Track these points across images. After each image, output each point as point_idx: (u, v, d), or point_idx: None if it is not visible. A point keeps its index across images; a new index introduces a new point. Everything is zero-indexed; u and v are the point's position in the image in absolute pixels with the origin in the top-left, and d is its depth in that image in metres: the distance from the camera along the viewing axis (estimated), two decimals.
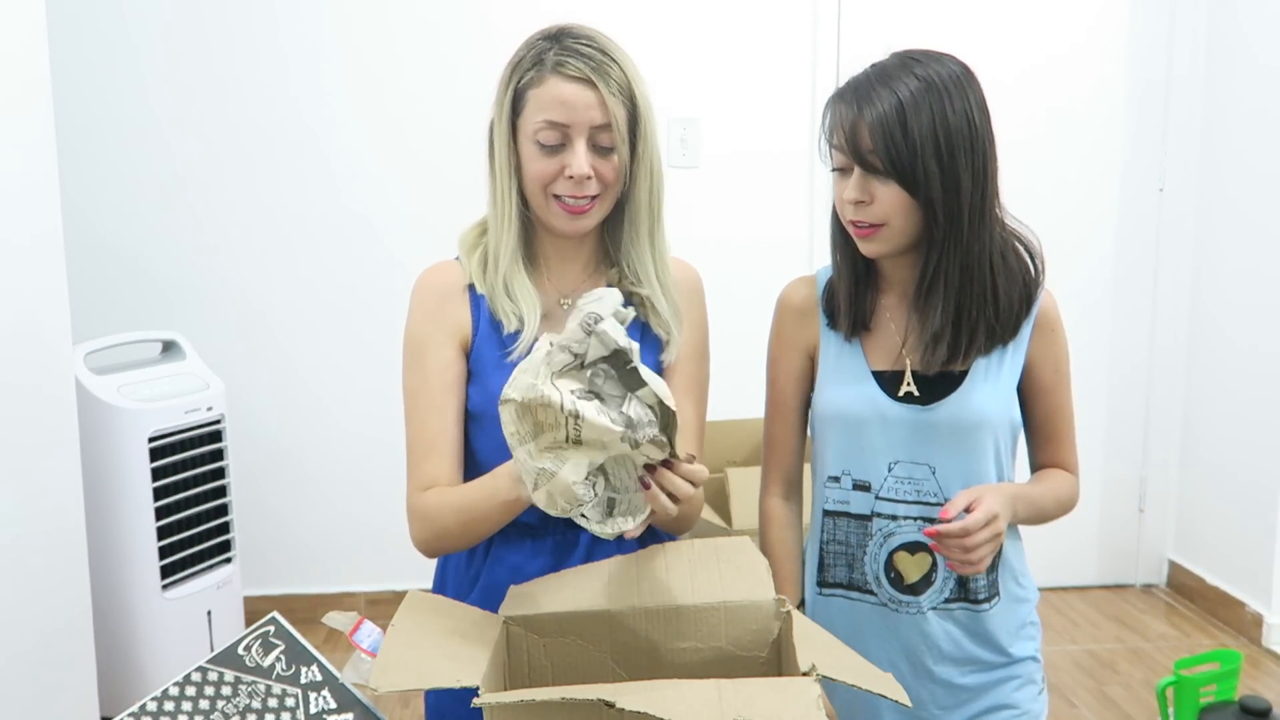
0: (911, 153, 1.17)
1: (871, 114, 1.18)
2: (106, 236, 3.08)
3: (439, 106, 3.13)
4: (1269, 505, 2.99)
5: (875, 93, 1.19)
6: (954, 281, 1.23)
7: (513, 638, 1.11)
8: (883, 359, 1.30)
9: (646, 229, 1.28)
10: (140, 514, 2.49)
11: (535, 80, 1.21)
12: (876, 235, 1.23)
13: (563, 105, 1.19)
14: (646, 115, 1.23)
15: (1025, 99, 3.24)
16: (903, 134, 1.17)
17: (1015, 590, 1.34)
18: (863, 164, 1.20)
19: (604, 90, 1.19)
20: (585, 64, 1.19)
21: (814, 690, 0.88)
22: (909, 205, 1.20)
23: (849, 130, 1.20)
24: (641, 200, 1.27)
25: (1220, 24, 3.19)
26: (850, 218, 1.24)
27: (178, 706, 1.05)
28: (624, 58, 1.22)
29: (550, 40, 1.22)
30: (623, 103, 1.20)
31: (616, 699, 0.84)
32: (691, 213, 3.25)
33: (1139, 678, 2.82)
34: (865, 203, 1.21)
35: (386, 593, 3.16)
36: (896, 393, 1.28)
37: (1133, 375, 3.41)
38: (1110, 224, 3.36)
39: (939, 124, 1.18)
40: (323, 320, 3.17)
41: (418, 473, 1.24)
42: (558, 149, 1.21)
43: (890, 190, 1.20)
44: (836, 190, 1.26)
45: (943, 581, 1.28)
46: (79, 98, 3.01)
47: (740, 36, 3.19)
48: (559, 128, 1.20)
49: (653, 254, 1.29)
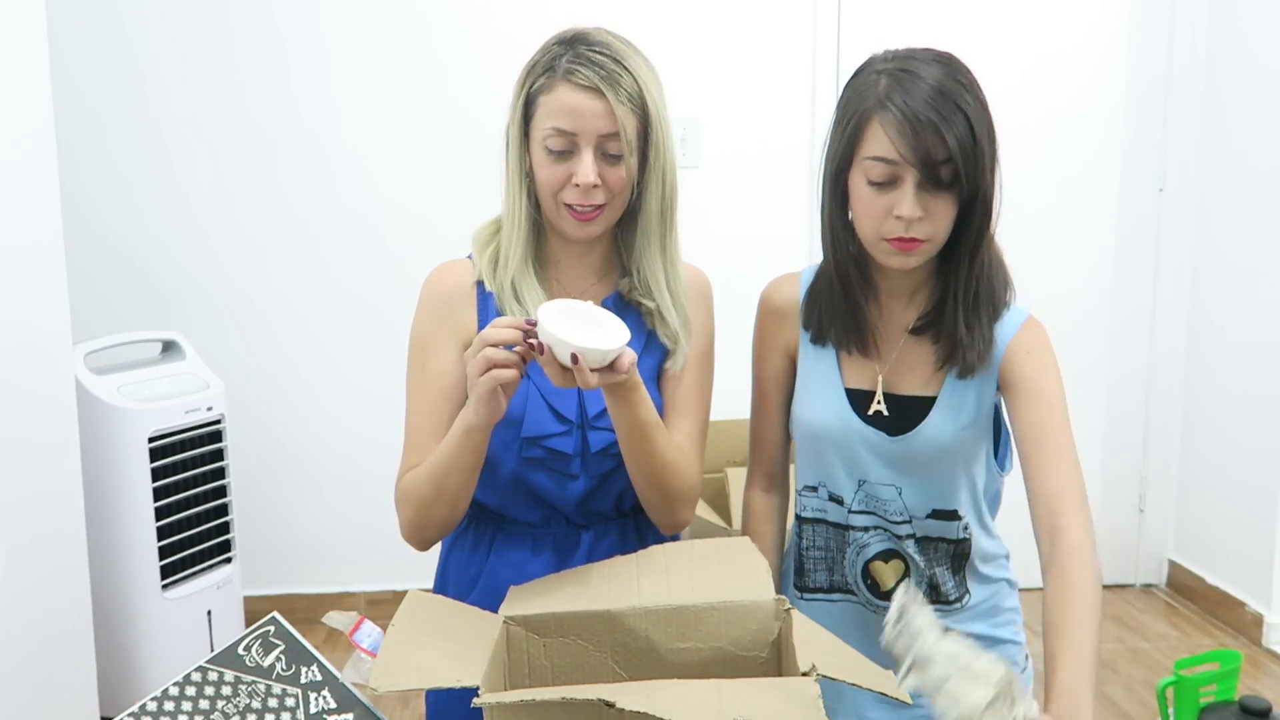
0: (979, 169, 1.14)
1: (944, 125, 1.11)
2: (106, 236, 3.08)
3: (439, 107, 3.13)
4: (1269, 505, 2.99)
5: (934, 100, 1.12)
6: (983, 289, 1.22)
7: (513, 637, 1.11)
8: (856, 375, 1.29)
9: (658, 238, 1.28)
10: (140, 514, 2.49)
11: (546, 86, 1.20)
12: (920, 250, 1.18)
13: (570, 113, 1.19)
14: (659, 124, 1.22)
15: (1026, 98, 3.24)
16: (973, 147, 1.13)
17: (986, 584, 1.34)
18: (931, 178, 1.13)
19: (613, 100, 1.18)
20: (595, 72, 1.18)
21: (814, 690, 0.89)
22: (954, 218, 1.18)
23: (917, 144, 1.12)
24: (652, 209, 1.26)
25: (1220, 23, 3.19)
26: (897, 234, 1.17)
27: (178, 706, 1.05)
28: (639, 65, 1.21)
29: (565, 45, 1.21)
30: (633, 111, 1.20)
31: (617, 699, 0.84)
32: (691, 213, 3.22)
33: (1139, 678, 2.82)
34: (921, 218, 1.16)
35: (386, 593, 3.16)
36: (867, 410, 1.27)
37: (1133, 375, 3.41)
38: (1110, 224, 3.36)
39: (989, 131, 1.16)
40: (323, 320, 3.17)
41: (403, 466, 1.28)
42: (566, 155, 1.20)
43: (947, 205, 1.16)
44: (872, 205, 1.17)
45: (916, 586, 1.29)
46: (79, 98, 3.01)
47: (740, 36, 3.19)
48: (567, 135, 1.19)
49: (664, 263, 1.29)
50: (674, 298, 1.29)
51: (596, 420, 1.27)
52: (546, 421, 1.26)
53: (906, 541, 1.30)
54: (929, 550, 1.30)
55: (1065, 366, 1.27)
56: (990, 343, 1.23)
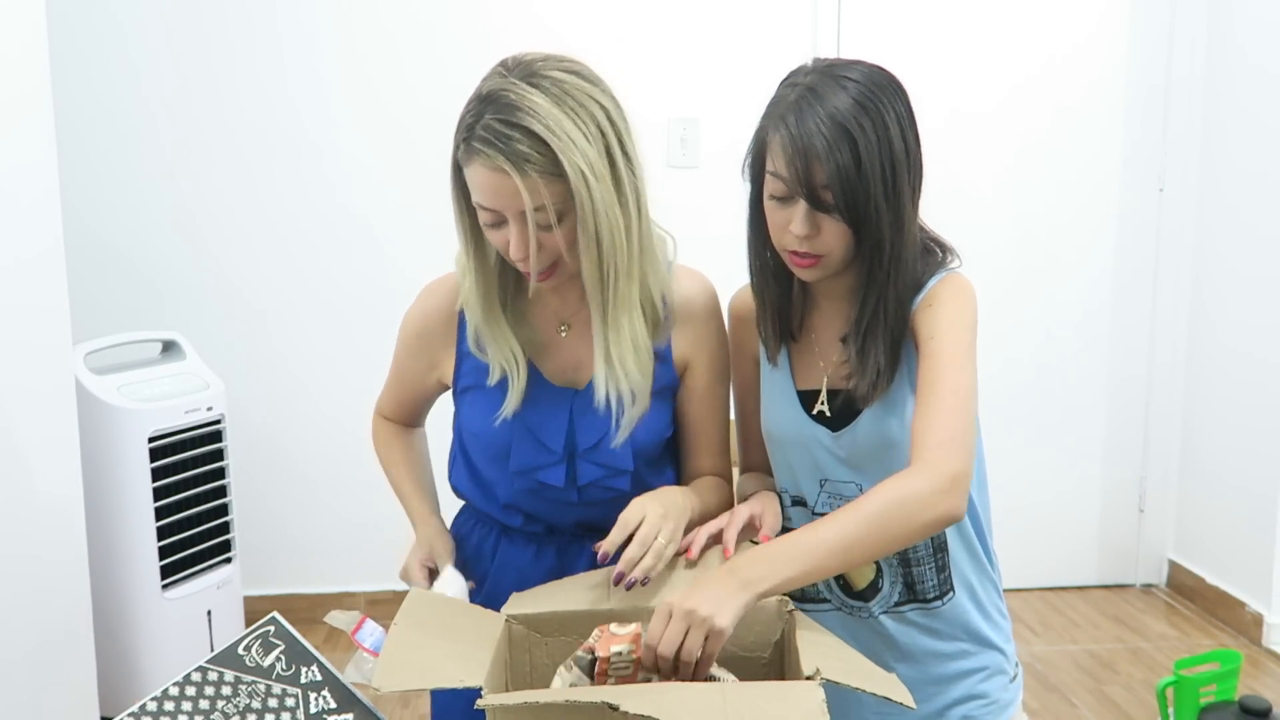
0: (865, 196, 1.13)
1: (825, 152, 1.11)
2: (106, 237, 3.08)
3: (438, 108, 3.12)
4: (1269, 505, 2.99)
5: (823, 125, 1.12)
6: (890, 313, 1.19)
7: (515, 637, 1.11)
8: (806, 376, 1.29)
9: (599, 303, 1.18)
10: (140, 514, 2.49)
11: (465, 157, 1.13)
12: (818, 265, 1.19)
13: (485, 192, 1.12)
14: (588, 182, 1.10)
15: (1026, 100, 3.23)
16: (857, 176, 1.12)
17: (971, 582, 1.31)
18: (814, 202, 1.14)
19: (518, 180, 1.08)
20: (498, 151, 1.08)
21: (818, 695, 0.88)
22: (851, 239, 1.17)
23: (801, 166, 1.12)
24: (589, 274, 1.16)
25: (1220, 26, 3.19)
26: (792, 248, 1.18)
27: (178, 706, 1.05)
28: (555, 123, 1.09)
29: (481, 106, 1.12)
30: (549, 180, 1.10)
31: (621, 702, 0.84)
32: (691, 213, 3.24)
33: (1139, 678, 2.82)
34: (812, 236, 1.16)
35: (386, 593, 3.15)
36: (811, 411, 1.27)
37: (1133, 375, 3.41)
38: (1110, 224, 3.35)
39: (884, 159, 1.13)
40: (323, 320, 3.17)
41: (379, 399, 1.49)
42: (500, 224, 1.15)
43: (838, 226, 1.15)
44: (773, 217, 1.19)
45: (890, 586, 1.28)
46: (79, 99, 3.01)
47: (740, 36, 3.18)
48: (491, 210, 1.14)
49: (605, 329, 1.19)
50: (622, 366, 1.19)
51: (586, 454, 1.24)
52: (533, 454, 1.25)
53: None
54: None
55: (1065, 366, 1.27)
56: (885, 370, 1.20)
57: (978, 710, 1.31)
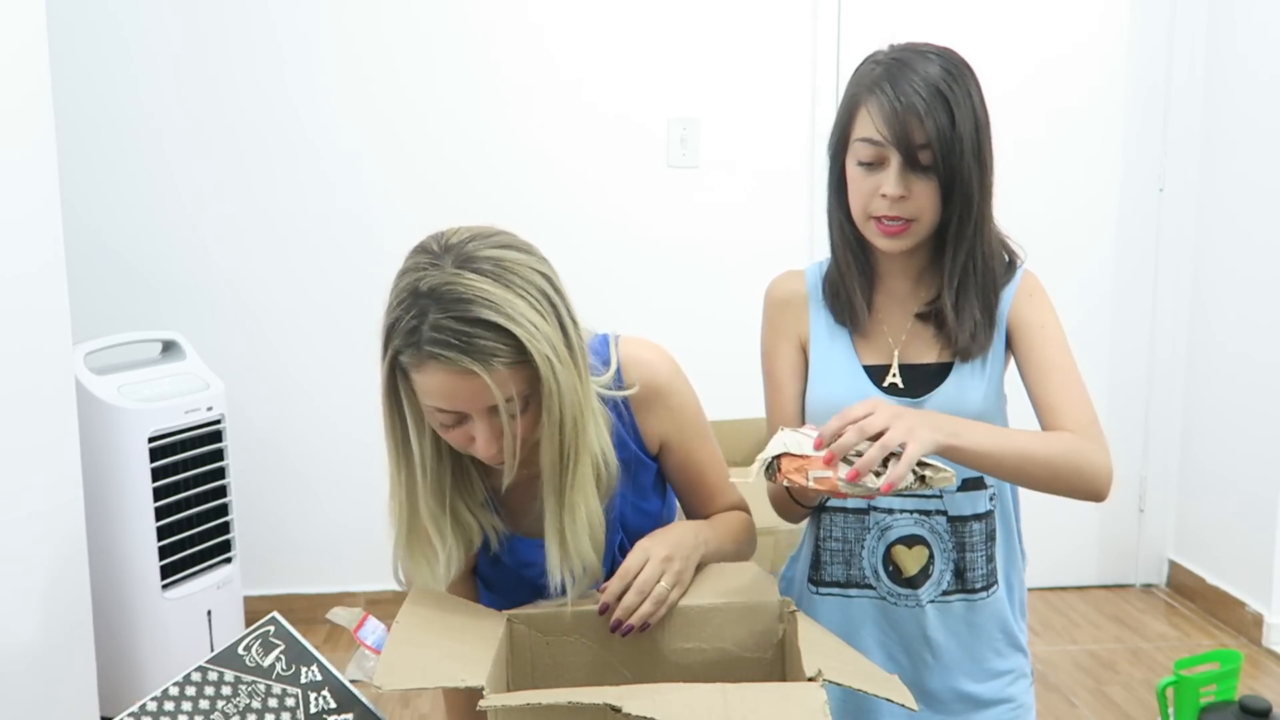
0: (960, 155, 1.18)
1: (925, 111, 1.16)
2: (106, 237, 3.08)
3: (438, 109, 3.13)
4: (1269, 505, 2.99)
5: (920, 89, 1.17)
6: (980, 269, 1.25)
7: (516, 636, 1.11)
8: (871, 353, 1.30)
9: (556, 488, 1.10)
10: (140, 514, 2.49)
11: (413, 361, 1.03)
12: (907, 232, 1.22)
13: (446, 396, 1.03)
14: (549, 369, 1.03)
15: (1026, 100, 3.23)
16: (952, 135, 1.17)
17: (1010, 578, 1.33)
18: (911, 160, 1.18)
19: (485, 375, 1.00)
20: (460, 352, 1.00)
21: (820, 696, 0.88)
22: (939, 202, 1.21)
23: (899, 127, 1.17)
24: (550, 458, 1.08)
25: (1220, 27, 3.19)
26: (884, 212, 1.21)
27: (178, 706, 1.05)
28: (508, 309, 1.01)
29: (421, 303, 1.02)
30: (515, 368, 1.02)
31: (622, 703, 0.84)
32: (691, 212, 3.26)
33: (1139, 678, 2.82)
34: (905, 198, 1.20)
35: (386, 593, 3.15)
36: (882, 384, 1.29)
37: (1133, 374, 3.41)
38: (1110, 224, 3.36)
39: (975, 119, 1.20)
40: (323, 321, 3.17)
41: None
42: (462, 421, 1.06)
43: (929, 186, 1.19)
44: (861, 185, 1.22)
45: (939, 574, 1.28)
46: (79, 100, 3.00)
47: (740, 36, 3.18)
48: (452, 413, 1.05)
49: (561, 513, 1.11)
50: (564, 553, 1.13)
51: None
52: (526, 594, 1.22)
53: (937, 519, 1.27)
54: (959, 530, 1.28)
55: None
56: (983, 325, 1.26)
57: (1009, 714, 1.33)
